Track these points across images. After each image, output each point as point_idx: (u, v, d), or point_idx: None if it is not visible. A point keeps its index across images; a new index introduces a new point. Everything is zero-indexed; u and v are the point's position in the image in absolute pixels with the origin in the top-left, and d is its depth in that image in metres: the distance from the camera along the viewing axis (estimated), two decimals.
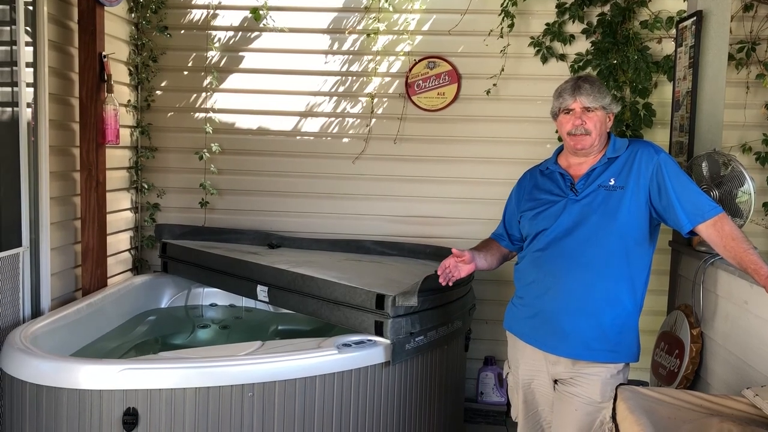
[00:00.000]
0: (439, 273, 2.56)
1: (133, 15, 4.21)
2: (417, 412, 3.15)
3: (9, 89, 3.07)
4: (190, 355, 2.83)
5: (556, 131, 2.59)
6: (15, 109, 3.08)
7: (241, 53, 4.33)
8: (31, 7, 3.17)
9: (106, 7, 3.61)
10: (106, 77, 3.57)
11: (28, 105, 3.15)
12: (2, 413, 2.81)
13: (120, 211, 4.15)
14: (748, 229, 2.56)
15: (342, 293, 3.10)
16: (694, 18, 3.13)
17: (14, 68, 3.07)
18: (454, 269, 2.54)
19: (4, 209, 3.07)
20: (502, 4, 4.01)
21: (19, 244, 3.13)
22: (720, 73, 3.13)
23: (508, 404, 3.03)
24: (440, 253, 3.98)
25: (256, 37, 4.32)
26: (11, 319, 3.09)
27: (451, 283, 2.57)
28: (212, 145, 4.29)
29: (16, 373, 2.57)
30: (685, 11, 3.56)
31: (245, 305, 4.13)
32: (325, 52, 4.28)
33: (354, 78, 4.28)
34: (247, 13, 4.22)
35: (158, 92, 4.36)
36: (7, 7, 3.03)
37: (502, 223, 2.75)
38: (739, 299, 2.38)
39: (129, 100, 4.21)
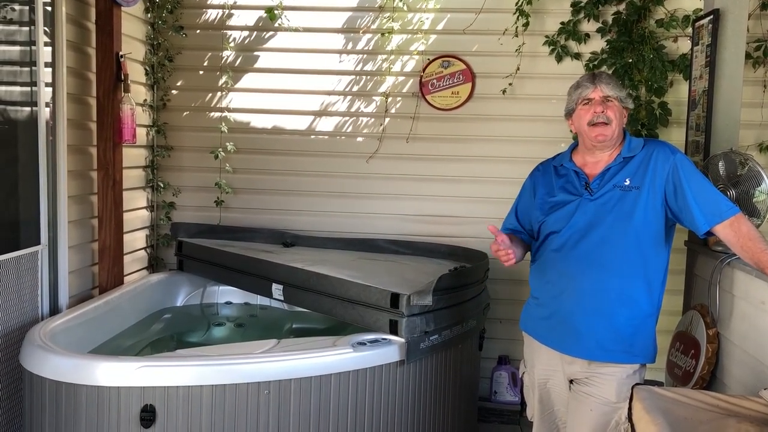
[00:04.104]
0: (499, 251, 2.41)
1: (149, 15, 4.24)
2: (431, 411, 3.16)
3: (28, 89, 3.11)
4: (207, 353, 2.85)
5: (571, 131, 2.58)
6: (34, 108, 3.12)
7: (256, 53, 4.35)
8: (49, 8, 3.20)
9: (123, 8, 3.64)
10: (123, 77, 3.60)
11: (47, 104, 3.19)
12: (22, 409, 2.84)
13: (136, 210, 4.19)
14: (766, 228, 2.54)
15: (356, 292, 3.11)
16: (711, 16, 3.11)
17: (33, 68, 3.11)
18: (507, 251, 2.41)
19: (23, 208, 3.10)
20: (517, 3, 4.01)
21: (38, 243, 3.17)
22: (737, 71, 3.11)
23: (522, 403, 3.04)
24: (454, 252, 3.99)
25: (271, 36, 4.33)
26: (30, 316, 3.13)
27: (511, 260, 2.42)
28: (227, 144, 4.31)
29: (36, 370, 2.60)
30: (701, 9, 3.54)
31: (260, 303, 4.15)
32: (340, 52, 4.29)
33: (368, 77, 4.29)
34: (262, 13, 4.24)
35: (174, 92, 4.39)
36: (27, 7, 3.07)
37: (515, 218, 2.68)
38: (756, 299, 2.37)
39: (145, 100, 4.24)
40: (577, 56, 4.09)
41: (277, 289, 3.50)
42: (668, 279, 2.47)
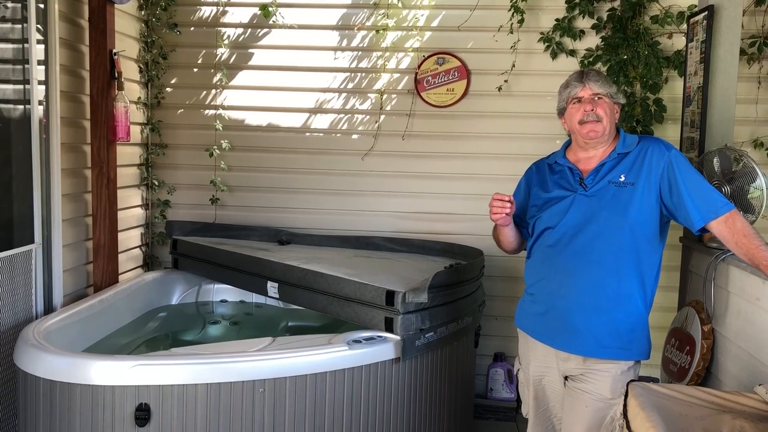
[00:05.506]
0: (497, 198, 2.44)
1: (143, 12, 4.23)
2: (427, 408, 3.16)
3: (21, 87, 3.09)
4: (202, 351, 2.84)
5: (565, 129, 2.58)
6: (27, 106, 3.10)
7: (250, 50, 4.34)
8: (42, 5, 3.18)
9: (116, 5, 3.63)
10: (116, 74, 3.59)
11: (40, 102, 3.18)
12: (17, 408, 2.83)
13: (131, 208, 4.18)
14: (760, 225, 2.54)
15: (352, 290, 3.10)
16: (706, 12, 3.11)
17: (26, 66, 3.10)
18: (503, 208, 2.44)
19: (17, 206, 3.09)
20: (512, 0, 4.00)
21: (32, 241, 3.16)
22: (731, 68, 3.11)
23: (518, 400, 3.03)
24: (450, 249, 3.99)
25: (266, 34, 4.32)
26: (24, 315, 3.12)
27: (500, 214, 2.44)
28: (222, 141, 4.30)
29: (30, 369, 2.59)
30: (696, 6, 3.53)
31: (255, 301, 4.15)
32: (334, 49, 4.28)
33: (363, 74, 4.28)
34: (256, 10, 4.23)
35: (168, 89, 4.38)
36: (19, 5, 3.05)
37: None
38: (751, 296, 2.37)
39: (139, 98, 4.23)
40: (572, 53, 4.09)
41: (272, 287, 3.50)
42: (663, 275, 2.47)
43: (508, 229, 2.58)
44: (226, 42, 4.31)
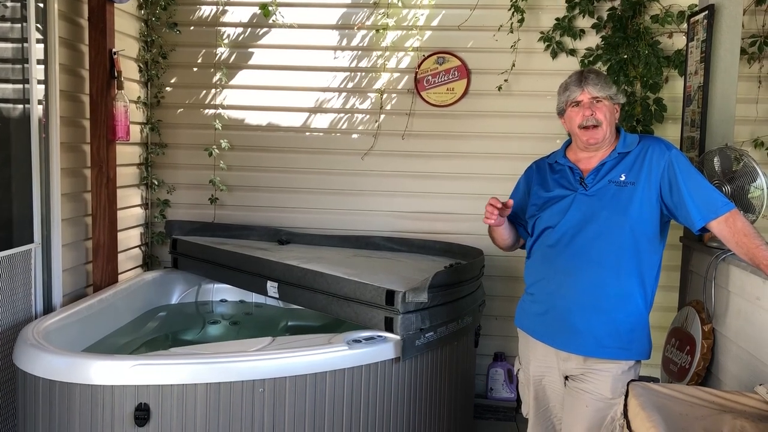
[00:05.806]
0: (491, 204, 2.45)
1: (142, 12, 4.22)
2: (427, 408, 3.15)
3: (20, 86, 3.09)
4: (202, 351, 2.84)
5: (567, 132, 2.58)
6: (26, 106, 3.10)
7: (250, 49, 4.33)
8: (41, 5, 3.18)
9: (116, 4, 3.62)
10: (116, 74, 3.59)
11: (39, 102, 3.17)
12: (16, 408, 2.83)
13: (130, 208, 4.17)
14: (761, 224, 2.54)
15: (352, 289, 3.10)
16: (706, 12, 3.10)
17: (25, 65, 3.09)
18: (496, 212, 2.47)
19: (16, 206, 3.09)
20: None
21: (31, 241, 3.15)
22: (732, 67, 3.11)
23: (518, 400, 3.03)
24: (450, 249, 3.99)
25: (265, 33, 4.32)
26: (24, 314, 3.12)
27: (490, 219, 2.47)
28: (221, 141, 4.30)
29: (30, 369, 2.58)
30: (696, 5, 3.53)
31: (255, 301, 4.14)
32: (334, 48, 4.28)
33: (363, 74, 4.27)
34: (256, 10, 4.23)
35: (168, 89, 4.37)
36: (19, 4, 3.05)
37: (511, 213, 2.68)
38: (752, 295, 2.37)
39: (139, 97, 4.22)
40: (572, 52, 4.08)
41: (272, 287, 3.49)
42: (664, 275, 2.47)
43: (501, 228, 2.60)
44: (225, 41, 4.31)
